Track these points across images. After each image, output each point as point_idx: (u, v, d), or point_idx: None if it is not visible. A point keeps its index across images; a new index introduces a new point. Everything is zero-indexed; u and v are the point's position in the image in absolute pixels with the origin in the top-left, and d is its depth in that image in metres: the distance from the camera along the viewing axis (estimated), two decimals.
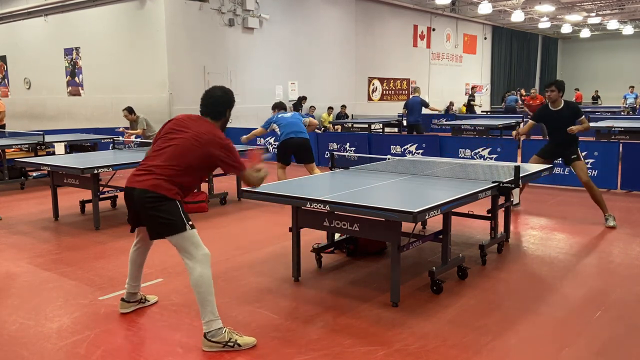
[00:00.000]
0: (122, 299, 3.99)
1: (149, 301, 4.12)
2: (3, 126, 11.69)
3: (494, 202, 5.18)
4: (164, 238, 3.47)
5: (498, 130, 13.90)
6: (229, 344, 3.39)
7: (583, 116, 6.42)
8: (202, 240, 3.50)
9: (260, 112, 16.30)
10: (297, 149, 7.75)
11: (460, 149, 10.29)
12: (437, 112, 15.91)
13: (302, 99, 17.10)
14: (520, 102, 23.13)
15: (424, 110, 13.63)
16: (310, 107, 17.74)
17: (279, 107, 8.19)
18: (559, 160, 6.79)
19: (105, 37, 15.20)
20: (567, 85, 7.13)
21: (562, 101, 6.44)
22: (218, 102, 3.75)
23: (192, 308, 4.05)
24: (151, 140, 10.54)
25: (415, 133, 12.94)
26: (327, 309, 4.02)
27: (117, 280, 4.67)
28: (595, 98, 28.36)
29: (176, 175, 3.47)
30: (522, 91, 25.35)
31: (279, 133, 7.81)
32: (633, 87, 23.82)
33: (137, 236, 3.88)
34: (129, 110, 10.36)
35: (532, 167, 5.88)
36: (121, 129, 10.73)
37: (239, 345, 3.41)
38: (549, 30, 30.25)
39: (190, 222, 3.46)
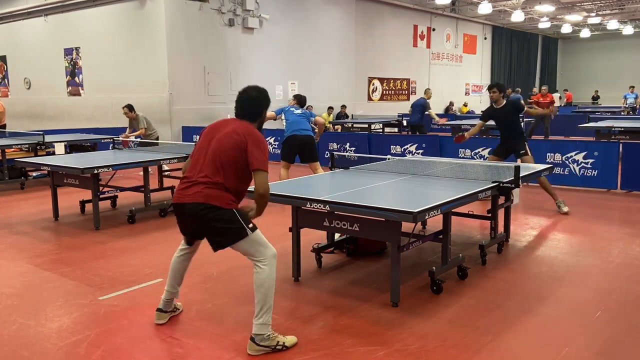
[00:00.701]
0: (159, 309, 3.80)
1: (178, 309, 3.95)
2: (4, 126, 11.70)
3: (494, 202, 5.18)
4: (225, 248, 3.40)
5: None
6: (277, 347, 3.35)
7: (525, 108, 7.56)
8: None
9: None
10: (300, 147, 7.73)
11: (460, 149, 10.29)
12: (435, 120, 15.16)
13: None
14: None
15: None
16: (308, 106, 17.70)
17: (297, 98, 8.11)
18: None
19: (105, 37, 15.20)
20: (567, 86, 7.20)
21: (504, 100, 7.26)
22: (254, 102, 3.60)
23: (192, 308, 4.05)
24: (153, 140, 10.57)
25: (417, 133, 12.90)
26: (327, 309, 4.02)
27: (117, 280, 4.67)
28: (595, 98, 28.39)
29: (224, 182, 3.36)
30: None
31: (284, 125, 7.91)
32: (633, 87, 23.81)
33: (185, 243, 3.78)
34: (129, 108, 10.35)
35: (532, 167, 5.88)
36: (123, 135, 10.65)
37: (286, 346, 3.38)
38: (549, 30, 30.26)
39: (250, 225, 3.39)
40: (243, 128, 3.45)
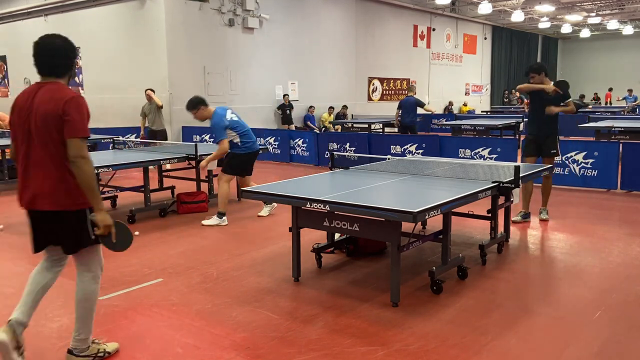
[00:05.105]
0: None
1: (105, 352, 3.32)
2: None
3: (494, 202, 5.18)
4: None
5: (498, 130, 13.90)
6: (98, 355, 3.20)
7: (570, 99, 6.60)
8: (205, 240, 3.50)
9: (260, 112, 16.33)
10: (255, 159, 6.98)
11: (460, 149, 10.29)
12: (431, 113, 15.25)
13: (284, 97, 16.85)
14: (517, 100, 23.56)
15: (420, 110, 13.36)
16: (310, 107, 17.73)
17: (202, 102, 6.63)
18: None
19: (105, 37, 15.20)
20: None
21: (550, 82, 6.57)
22: (62, 52, 3.03)
23: (193, 308, 4.06)
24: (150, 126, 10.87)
25: (409, 133, 12.81)
26: (327, 309, 4.02)
27: (117, 280, 4.67)
28: (596, 99, 28.40)
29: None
30: (517, 93, 25.59)
31: (237, 141, 6.67)
32: (631, 90, 23.86)
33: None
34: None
35: (532, 167, 5.87)
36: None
37: (108, 352, 3.26)
38: (549, 30, 30.25)
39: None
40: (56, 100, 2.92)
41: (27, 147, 3.02)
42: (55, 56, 3.02)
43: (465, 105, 25.11)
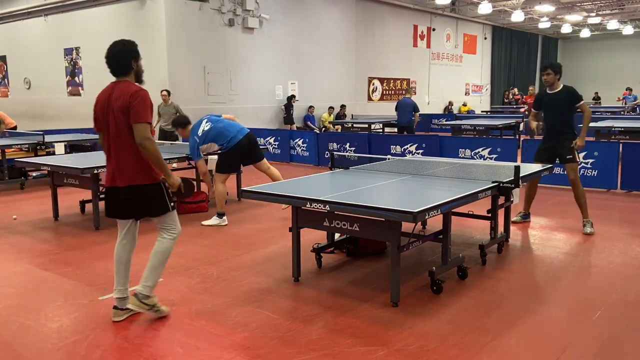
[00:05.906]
0: (115, 307, 3.85)
1: (160, 311, 3.89)
2: (15, 127, 11.84)
3: (494, 202, 5.18)
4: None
5: (498, 130, 13.90)
6: (154, 308, 3.76)
7: (582, 100, 6.34)
8: (205, 240, 3.51)
9: (260, 112, 16.33)
10: (251, 147, 6.86)
11: (460, 149, 10.30)
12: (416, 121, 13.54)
13: (291, 98, 16.89)
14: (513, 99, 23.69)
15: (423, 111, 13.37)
16: (310, 107, 17.74)
17: (185, 122, 6.87)
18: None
19: (105, 37, 15.08)
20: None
21: (561, 84, 6.35)
22: (121, 55, 3.89)
23: (193, 308, 4.06)
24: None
25: (405, 133, 12.84)
26: (327, 309, 4.02)
27: None
28: (597, 99, 28.40)
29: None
30: (515, 90, 25.61)
31: (217, 148, 6.72)
32: (631, 89, 23.87)
33: (122, 230, 3.91)
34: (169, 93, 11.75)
35: (532, 167, 5.87)
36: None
37: (162, 311, 3.81)
38: (549, 30, 30.25)
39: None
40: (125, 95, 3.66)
41: (109, 137, 3.68)
42: (119, 59, 3.86)
43: (464, 105, 25.12)
